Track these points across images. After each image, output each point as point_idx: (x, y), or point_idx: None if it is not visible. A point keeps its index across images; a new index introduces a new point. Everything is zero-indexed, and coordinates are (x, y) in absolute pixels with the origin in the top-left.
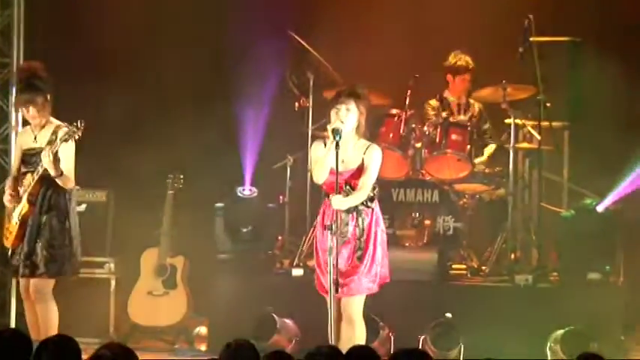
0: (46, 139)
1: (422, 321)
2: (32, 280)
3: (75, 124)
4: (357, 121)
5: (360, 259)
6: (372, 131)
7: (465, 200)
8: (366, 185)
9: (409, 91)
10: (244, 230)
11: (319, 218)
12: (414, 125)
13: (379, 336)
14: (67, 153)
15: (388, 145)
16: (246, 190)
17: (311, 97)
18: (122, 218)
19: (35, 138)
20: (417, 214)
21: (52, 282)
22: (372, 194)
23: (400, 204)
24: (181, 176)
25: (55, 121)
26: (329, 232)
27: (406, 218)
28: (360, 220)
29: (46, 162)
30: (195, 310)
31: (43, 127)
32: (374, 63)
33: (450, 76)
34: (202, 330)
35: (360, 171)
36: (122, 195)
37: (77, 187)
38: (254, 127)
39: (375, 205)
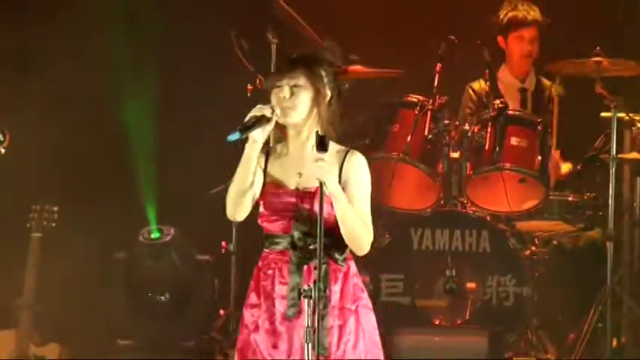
0: None
1: None
2: None
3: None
4: (311, 107)
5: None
6: (374, 130)
7: (533, 249)
8: (364, 201)
9: (439, 66)
10: (160, 300)
11: (253, 282)
12: (447, 122)
13: None
14: None
15: (403, 156)
16: (155, 233)
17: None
18: None
19: None
20: (453, 271)
21: None
22: (342, 237)
23: (424, 254)
24: (55, 209)
25: None
26: (305, 300)
27: (434, 279)
28: (321, 285)
29: None
30: None
31: None
32: (379, 18)
33: (501, 38)
34: None
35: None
36: None
37: None
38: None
39: (351, 262)
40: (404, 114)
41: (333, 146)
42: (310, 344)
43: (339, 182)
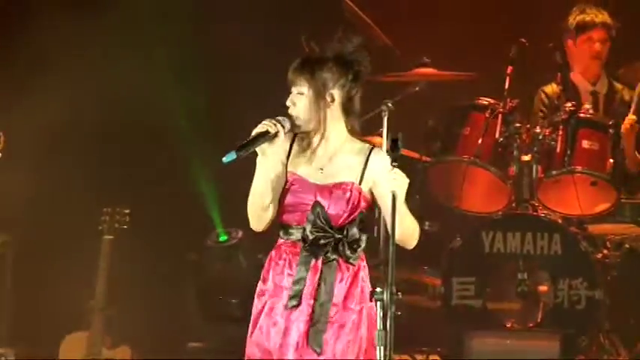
0: None
1: None
2: None
3: None
4: (317, 111)
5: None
6: (444, 133)
7: (605, 252)
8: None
9: (510, 68)
10: (230, 302)
11: (264, 270)
12: (518, 125)
13: None
14: None
15: (474, 159)
16: (222, 236)
17: None
18: (27, 280)
19: None
20: (525, 274)
21: None
22: (355, 235)
23: (495, 257)
24: (126, 211)
25: None
26: (378, 302)
27: (506, 281)
28: (326, 281)
29: None
30: None
31: None
32: (450, 21)
33: (571, 42)
34: None
35: (357, 192)
36: (25, 243)
37: None
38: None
39: (363, 263)
40: (475, 117)
41: (353, 142)
42: (382, 347)
43: (363, 179)
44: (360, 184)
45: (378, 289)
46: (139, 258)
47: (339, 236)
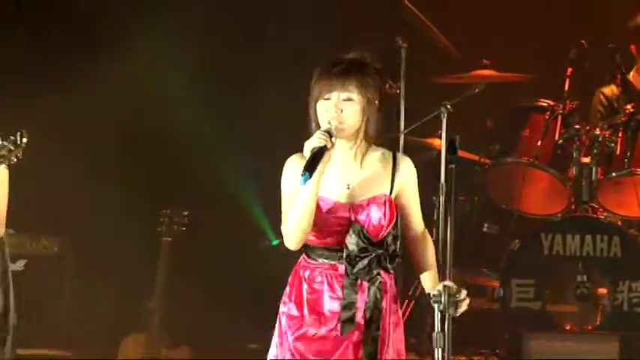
0: None
1: None
2: None
3: (11, 137)
4: (361, 120)
5: None
6: (504, 135)
7: None
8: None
9: (570, 70)
10: None
11: (293, 292)
12: (577, 126)
13: None
14: None
15: (534, 161)
16: (275, 241)
17: (403, 80)
18: (85, 282)
19: None
20: (585, 277)
21: None
22: (393, 246)
23: (554, 259)
24: (185, 213)
25: None
26: (435, 305)
27: (565, 284)
28: (373, 294)
29: None
30: None
31: None
32: (510, 23)
33: (634, 47)
34: None
35: (390, 203)
36: (84, 244)
37: (10, 231)
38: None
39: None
40: (534, 119)
41: (377, 150)
42: (441, 350)
43: (393, 187)
44: (390, 193)
45: (435, 292)
46: (197, 259)
47: (381, 251)
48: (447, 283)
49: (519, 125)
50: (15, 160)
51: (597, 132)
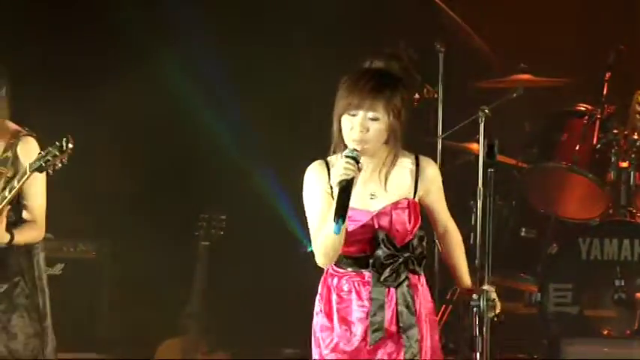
0: None
1: None
2: None
3: (57, 143)
4: (386, 137)
5: None
6: (542, 139)
7: None
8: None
9: (608, 74)
10: None
11: (323, 302)
12: (616, 131)
13: None
14: (36, 189)
15: (572, 165)
16: (310, 246)
17: (441, 84)
18: (123, 286)
19: None
20: (622, 281)
21: None
22: (420, 248)
23: (592, 264)
24: (223, 217)
25: (12, 126)
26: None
27: (603, 288)
28: (402, 298)
29: None
30: None
31: None
32: (548, 27)
33: None
34: None
35: (414, 206)
36: (122, 249)
37: (50, 236)
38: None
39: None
40: (573, 123)
41: (399, 155)
42: (478, 353)
43: (417, 190)
44: (414, 197)
45: (475, 296)
46: (234, 263)
47: (408, 254)
48: (486, 287)
49: (557, 129)
50: (60, 165)
51: (635, 136)
